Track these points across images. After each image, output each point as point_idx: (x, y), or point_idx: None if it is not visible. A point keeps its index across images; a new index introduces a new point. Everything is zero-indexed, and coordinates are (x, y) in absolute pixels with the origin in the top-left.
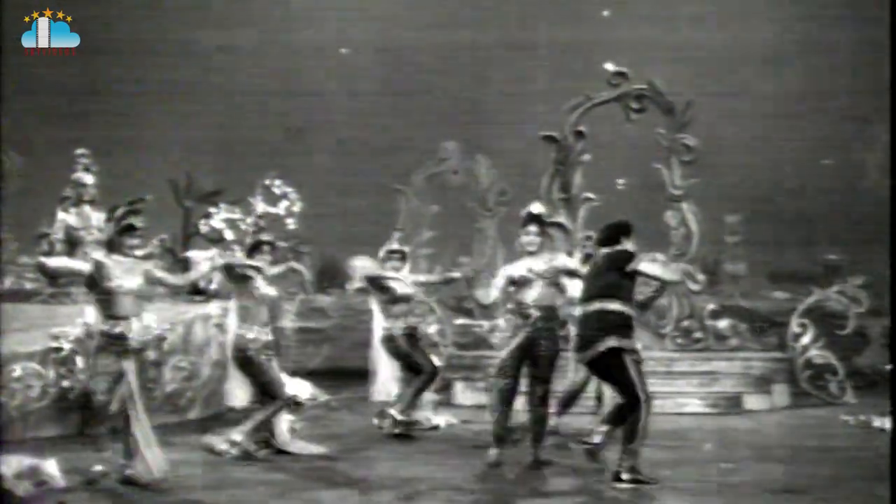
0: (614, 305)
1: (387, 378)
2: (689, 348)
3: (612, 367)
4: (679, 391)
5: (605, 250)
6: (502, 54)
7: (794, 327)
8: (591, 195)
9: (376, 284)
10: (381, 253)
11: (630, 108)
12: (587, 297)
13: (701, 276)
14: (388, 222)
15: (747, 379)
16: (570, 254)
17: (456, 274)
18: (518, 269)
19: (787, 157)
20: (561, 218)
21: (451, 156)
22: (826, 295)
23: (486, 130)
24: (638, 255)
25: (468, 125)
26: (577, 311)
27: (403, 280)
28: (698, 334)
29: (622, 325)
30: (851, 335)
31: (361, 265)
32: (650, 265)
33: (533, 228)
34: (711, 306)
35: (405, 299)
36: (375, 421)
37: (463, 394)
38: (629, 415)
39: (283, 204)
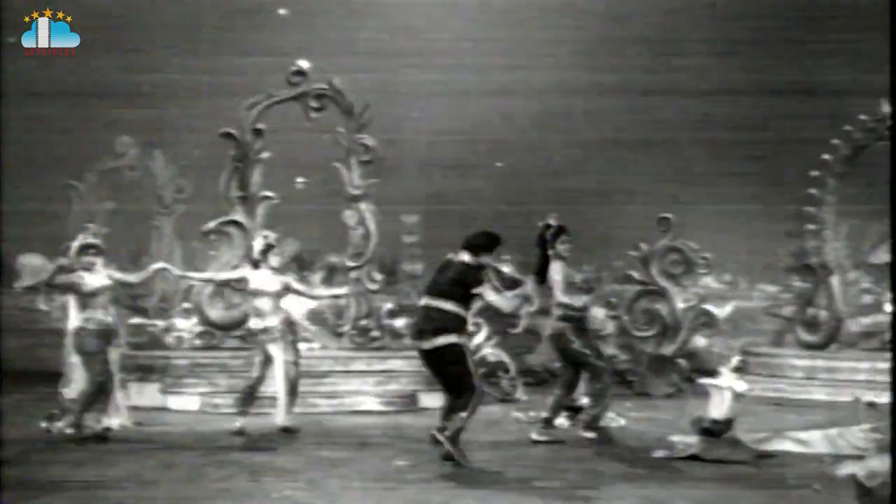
0: (449, 305)
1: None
2: (366, 347)
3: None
4: (356, 389)
5: (466, 257)
6: (183, 51)
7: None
8: (269, 193)
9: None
10: (74, 247)
11: (310, 108)
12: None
13: (378, 276)
14: (59, 220)
15: (422, 377)
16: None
17: None
18: None
19: (468, 159)
20: (238, 216)
21: (127, 151)
22: None
23: (163, 126)
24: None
25: (145, 121)
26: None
27: (99, 274)
28: (376, 333)
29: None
30: (523, 334)
31: (30, 263)
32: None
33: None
34: (389, 305)
35: (96, 294)
36: (43, 424)
37: (138, 394)
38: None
39: None
